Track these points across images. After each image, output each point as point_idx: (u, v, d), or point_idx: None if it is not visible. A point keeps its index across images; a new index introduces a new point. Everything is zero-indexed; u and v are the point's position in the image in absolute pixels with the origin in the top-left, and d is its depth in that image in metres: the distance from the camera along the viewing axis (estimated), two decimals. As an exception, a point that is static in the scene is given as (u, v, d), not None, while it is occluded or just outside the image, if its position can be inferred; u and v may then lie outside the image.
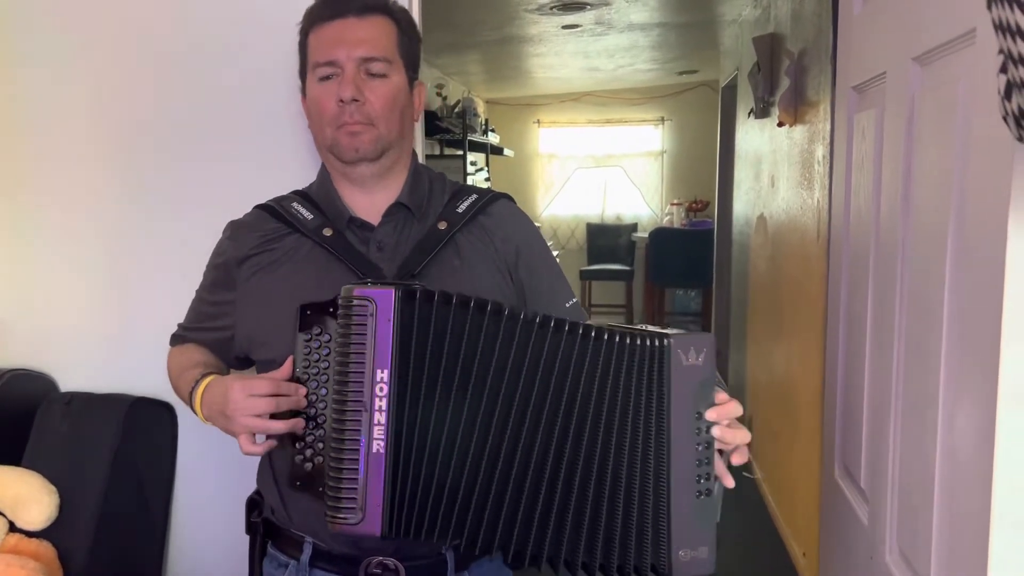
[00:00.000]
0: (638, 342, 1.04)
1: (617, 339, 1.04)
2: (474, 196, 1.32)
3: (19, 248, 1.99)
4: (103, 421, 1.85)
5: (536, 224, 1.45)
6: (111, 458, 1.82)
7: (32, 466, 1.80)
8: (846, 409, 1.63)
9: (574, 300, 1.36)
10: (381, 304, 1.03)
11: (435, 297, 1.04)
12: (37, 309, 2.00)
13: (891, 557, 1.32)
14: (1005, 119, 0.71)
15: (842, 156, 1.66)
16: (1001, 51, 0.67)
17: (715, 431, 1.05)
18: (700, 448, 1.05)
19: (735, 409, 1.07)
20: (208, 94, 1.91)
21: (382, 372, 1.02)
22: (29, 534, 1.73)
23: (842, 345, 1.65)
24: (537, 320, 1.05)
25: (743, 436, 1.07)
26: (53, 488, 1.76)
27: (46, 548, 1.72)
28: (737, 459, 1.09)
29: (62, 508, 1.76)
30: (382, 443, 1.02)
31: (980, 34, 0.97)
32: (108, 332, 1.98)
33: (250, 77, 1.89)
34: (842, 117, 1.66)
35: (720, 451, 1.08)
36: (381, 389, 1.02)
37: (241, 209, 1.38)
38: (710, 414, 1.05)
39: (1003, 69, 0.68)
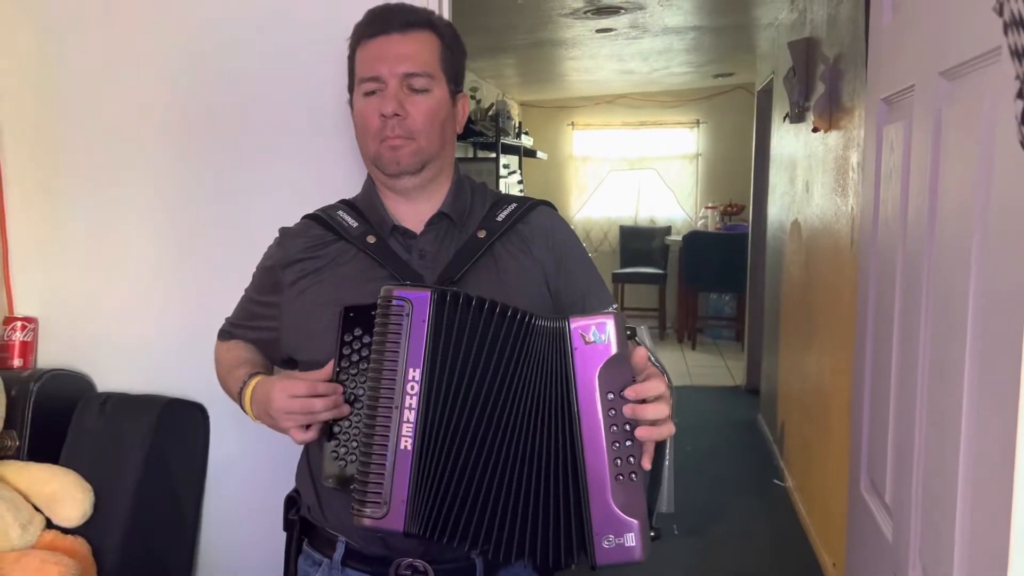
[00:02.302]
0: (544, 323, 1.07)
1: (530, 321, 1.08)
2: (513, 205, 1.36)
3: (58, 252, 2.05)
4: (138, 421, 1.90)
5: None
6: (145, 457, 1.87)
7: (69, 464, 1.85)
8: (873, 422, 1.61)
9: (614, 307, 1.36)
10: (417, 306, 1.06)
11: (470, 302, 1.07)
12: (76, 311, 2.05)
13: (914, 575, 1.31)
14: (1022, 144, 0.71)
15: (871, 167, 1.65)
16: (1017, 76, 0.67)
17: (627, 410, 1.04)
18: (616, 429, 1.04)
19: (650, 388, 1.05)
20: (257, 104, 1.95)
21: (414, 371, 1.06)
22: (65, 531, 1.77)
23: (869, 356, 1.64)
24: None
25: (650, 412, 1.04)
26: (88, 486, 1.80)
27: (81, 544, 1.76)
28: (649, 433, 1.05)
29: (97, 505, 1.80)
30: (410, 440, 1.05)
31: (1005, 53, 0.96)
32: (144, 334, 2.03)
33: (296, 87, 1.92)
34: (871, 128, 1.65)
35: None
36: (412, 388, 1.06)
37: (276, 217, 1.42)
38: (627, 393, 1.04)
39: (1020, 95, 0.68)
